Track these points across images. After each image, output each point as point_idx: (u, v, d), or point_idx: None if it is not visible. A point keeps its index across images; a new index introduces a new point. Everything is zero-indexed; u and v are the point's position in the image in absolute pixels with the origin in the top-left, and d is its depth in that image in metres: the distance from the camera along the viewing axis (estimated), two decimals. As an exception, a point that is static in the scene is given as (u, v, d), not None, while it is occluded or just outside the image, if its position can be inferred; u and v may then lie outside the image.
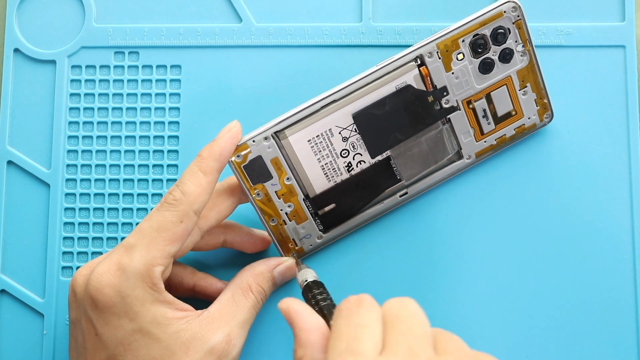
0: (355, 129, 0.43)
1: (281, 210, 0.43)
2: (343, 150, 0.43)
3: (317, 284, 0.40)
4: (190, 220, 0.38)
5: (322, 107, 0.42)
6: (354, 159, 0.43)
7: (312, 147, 0.43)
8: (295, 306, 0.35)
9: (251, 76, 0.48)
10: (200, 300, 0.44)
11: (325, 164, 0.43)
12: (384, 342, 0.31)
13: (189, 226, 0.38)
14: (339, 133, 0.43)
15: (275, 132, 0.42)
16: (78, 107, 0.48)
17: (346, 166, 0.44)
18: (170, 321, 0.38)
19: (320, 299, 0.38)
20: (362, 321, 0.32)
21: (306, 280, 0.41)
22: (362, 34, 0.48)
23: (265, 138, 0.42)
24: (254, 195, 0.43)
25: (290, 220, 0.44)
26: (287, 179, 0.43)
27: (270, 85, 0.48)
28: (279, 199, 0.43)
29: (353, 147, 0.43)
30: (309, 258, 0.45)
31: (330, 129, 0.42)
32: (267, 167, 0.42)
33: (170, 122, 0.48)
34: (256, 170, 0.42)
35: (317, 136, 0.42)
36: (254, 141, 0.42)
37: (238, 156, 0.42)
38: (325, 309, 0.37)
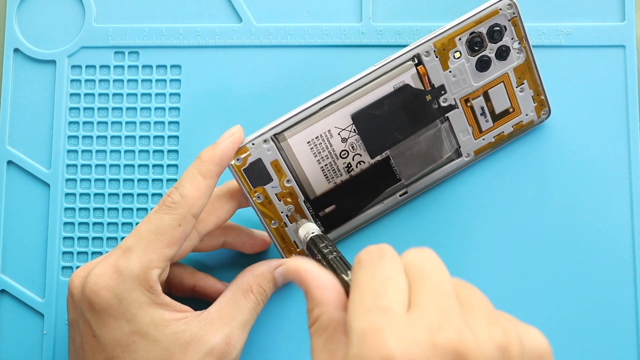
0: (354, 129, 0.43)
1: (282, 212, 0.43)
2: (342, 151, 0.43)
3: (321, 237, 0.39)
4: (188, 224, 0.38)
5: (321, 109, 0.42)
6: (353, 160, 0.43)
7: (311, 148, 0.43)
8: (305, 265, 0.32)
9: (251, 76, 0.48)
10: (200, 301, 0.44)
11: (325, 165, 0.43)
12: (410, 298, 0.30)
13: (187, 229, 0.38)
14: (338, 134, 0.43)
15: (274, 135, 0.42)
16: (78, 107, 0.48)
17: (346, 167, 0.44)
18: (169, 322, 0.38)
19: (327, 252, 0.37)
20: (387, 274, 0.30)
21: (311, 233, 0.39)
22: (362, 34, 0.48)
23: (265, 141, 0.42)
24: (254, 198, 0.42)
25: (291, 223, 0.44)
26: (287, 181, 0.43)
27: (270, 85, 0.48)
28: (280, 201, 0.43)
29: (352, 147, 0.43)
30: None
31: (329, 130, 0.42)
32: (267, 170, 0.42)
33: (170, 122, 0.48)
34: (256, 173, 0.42)
35: (316, 137, 0.42)
36: (253, 144, 0.42)
37: (238, 159, 0.42)
38: (334, 262, 0.35)
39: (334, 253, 0.37)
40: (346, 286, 0.33)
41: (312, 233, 0.40)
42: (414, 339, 0.27)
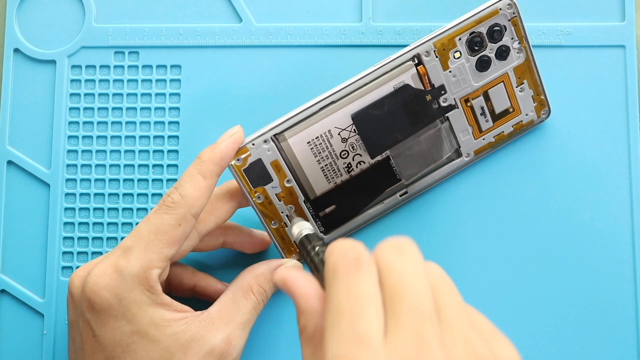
0: (354, 129, 0.43)
1: (282, 212, 0.43)
2: (342, 151, 0.43)
3: (311, 237, 0.38)
4: (188, 224, 0.38)
5: (321, 109, 0.42)
6: (353, 160, 0.43)
7: (311, 148, 0.43)
8: (290, 274, 0.32)
9: (251, 76, 0.48)
10: (200, 301, 0.44)
11: (325, 166, 0.43)
12: (386, 319, 0.28)
13: (187, 229, 0.38)
14: (338, 134, 0.43)
15: (274, 135, 0.42)
16: (78, 107, 0.48)
17: (346, 167, 0.44)
18: (169, 322, 0.38)
19: (313, 254, 0.36)
20: (364, 292, 0.28)
21: (303, 233, 0.39)
22: (362, 34, 0.48)
23: (265, 141, 0.42)
24: (254, 199, 0.42)
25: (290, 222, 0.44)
26: (287, 181, 0.43)
27: (270, 85, 0.48)
28: (280, 201, 0.43)
29: (352, 147, 0.43)
30: (309, 258, 0.45)
31: (329, 130, 0.42)
32: (267, 170, 0.42)
33: (170, 122, 0.48)
34: (256, 174, 0.42)
35: (316, 138, 0.42)
36: (253, 144, 0.42)
37: (238, 160, 0.42)
38: (321, 265, 0.34)
39: (321, 254, 0.35)
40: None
41: (303, 233, 0.39)
42: None
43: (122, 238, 0.46)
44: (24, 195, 0.47)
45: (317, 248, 0.36)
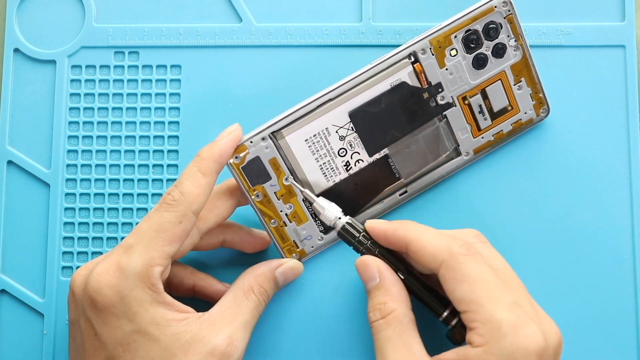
0: (352, 127, 0.43)
1: (281, 211, 0.43)
2: (340, 149, 0.43)
3: (354, 224, 0.42)
4: (189, 221, 0.38)
5: (318, 106, 0.42)
6: (351, 158, 0.43)
7: (309, 146, 0.43)
8: (379, 264, 0.39)
9: (251, 76, 0.48)
10: (201, 301, 0.44)
11: (324, 164, 0.43)
12: None
13: (188, 227, 0.38)
14: (336, 132, 0.43)
15: (272, 133, 0.42)
16: (78, 107, 0.48)
17: (344, 165, 0.43)
18: (170, 322, 0.37)
19: (370, 246, 0.41)
20: (489, 266, 0.37)
21: (343, 219, 0.42)
22: (362, 34, 0.48)
23: (263, 138, 0.42)
24: (253, 197, 0.43)
25: (290, 222, 0.44)
26: (286, 179, 0.43)
27: (270, 85, 0.48)
28: (279, 199, 0.43)
29: (350, 145, 0.43)
30: (310, 260, 0.45)
31: (327, 128, 0.42)
32: (265, 168, 0.42)
33: (170, 122, 0.48)
34: (255, 172, 0.42)
35: (314, 135, 0.42)
36: (251, 142, 0.42)
37: (236, 157, 0.42)
38: (386, 258, 0.40)
39: (377, 247, 0.40)
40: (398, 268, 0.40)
41: (341, 219, 0.42)
42: (545, 331, 0.36)
43: (122, 238, 0.46)
44: (24, 195, 0.47)
45: (369, 239, 0.41)
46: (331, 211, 0.42)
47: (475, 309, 0.35)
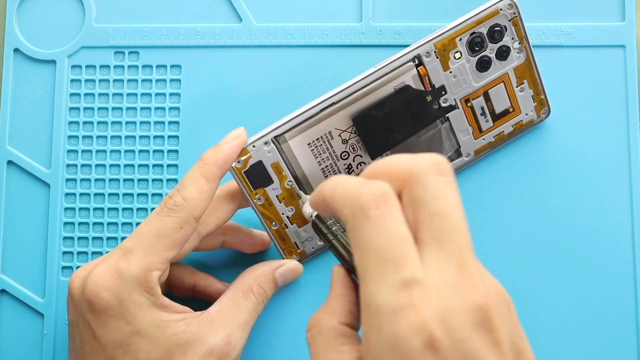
0: (354, 130, 0.43)
1: (282, 214, 0.43)
2: (343, 152, 0.43)
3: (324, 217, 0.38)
4: (190, 227, 0.38)
5: (322, 110, 0.42)
6: (354, 161, 0.43)
7: (312, 150, 0.43)
8: (336, 275, 0.32)
9: (251, 76, 0.48)
10: (201, 301, 0.44)
11: (326, 167, 0.43)
12: (421, 248, 0.28)
13: (189, 232, 0.38)
14: (339, 135, 0.43)
15: (275, 137, 0.42)
16: (78, 107, 0.48)
17: (346, 168, 0.43)
18: (168, 324, 0.38)
19: (335, 230, 0.36)
20: (401, 230, 0.27)
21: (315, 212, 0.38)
22: (362, 34, 0.48)
23: (265, 143, 0.42)
24: (255, 200, 0.42)
25: (291, 224, 0.44)
26: (288, 182, 0.43)
27: (270, 85, 0.48)
28: (280, 202, 0.43)
29: (353, 149, 0.43)
30: (311, 261, 0.45)
31: (329, 132, 0.42)
32: (267, 172, 0.42)
33: (170, 122, 0.48)
34: (257, 176, 0.42)
35: (316, 139, 0.42)
36: (254, 146, 0.42)
37: (239, 162, 0.42)
38: (342, 238, 0.35)
39: (339, 224, 0.36)
40: (353, 270, 0.31)
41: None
42: (448, 308, 0.26)
43: (122, 238, 0.46)
44: (24, 195, 0.47)
45: (337, 225, 0.36)
46: (308, 206, 0.40)
47: (362, 289, 0.28)
